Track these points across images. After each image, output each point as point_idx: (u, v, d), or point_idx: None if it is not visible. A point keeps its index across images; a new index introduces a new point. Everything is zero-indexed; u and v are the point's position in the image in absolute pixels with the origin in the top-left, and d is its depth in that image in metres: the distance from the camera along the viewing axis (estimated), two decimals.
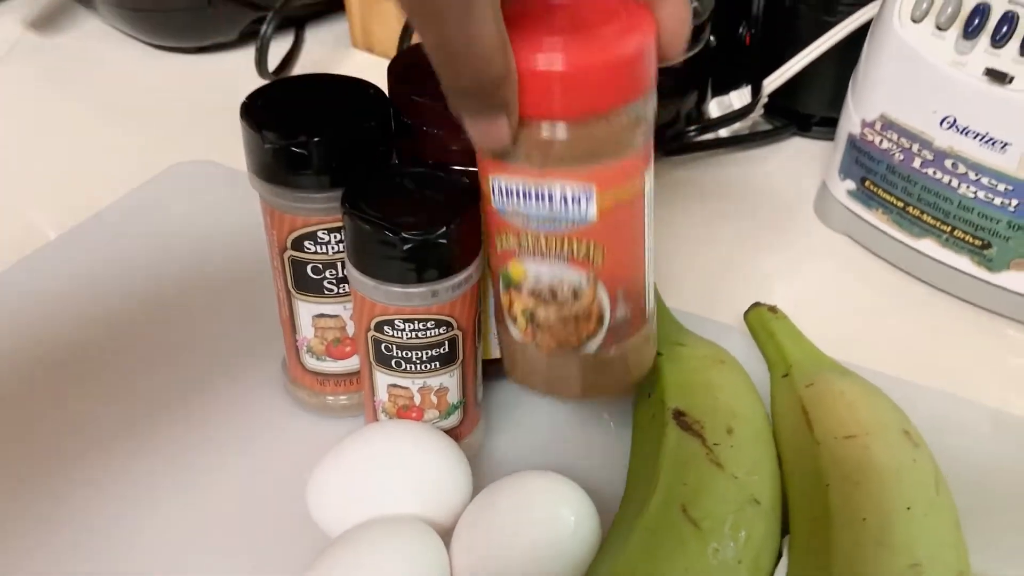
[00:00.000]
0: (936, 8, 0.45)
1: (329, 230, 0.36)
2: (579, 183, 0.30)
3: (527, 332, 0.34)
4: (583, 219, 0.31)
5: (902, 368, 0.44)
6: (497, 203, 0.32)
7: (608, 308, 0.33)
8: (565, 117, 0.29)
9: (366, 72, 0.70)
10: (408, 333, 0.35)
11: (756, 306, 0.42)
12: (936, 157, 0.46)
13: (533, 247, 0.32)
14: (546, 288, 0.33)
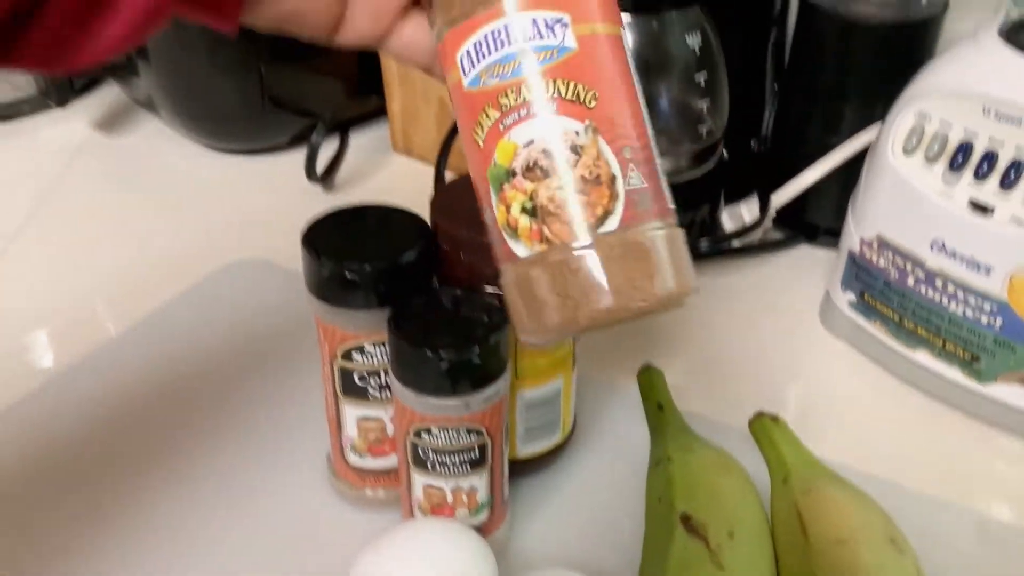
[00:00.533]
0: (925, 143, 0.49)
1: (375, 343, 0.41)
2: (550, 11, 0.29)
3: (533, 233, 0.30)
4: (562, 48, 0.29)
5: (896, 472, 0.48)
6: (470, 77, 0.30)
7: (618, 169, 0.29)
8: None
9: (405, 174, 0.76)
10: (443, 440, 0.39)
11: (759, 415, 0.45)
12: (928, 276, 0.50)
13: (516, 102, 0.29)
14: (540, 154, 0.29)
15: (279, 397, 0.52)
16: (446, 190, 0.44)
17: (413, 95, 0.74)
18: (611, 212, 0.30)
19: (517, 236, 0.30)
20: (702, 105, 0.61)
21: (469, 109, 0.31)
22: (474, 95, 0.30)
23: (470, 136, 0.31)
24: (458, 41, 0.31)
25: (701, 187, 0.64)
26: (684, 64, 0.60)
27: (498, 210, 0.31)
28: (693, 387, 0.53)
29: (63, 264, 0.65)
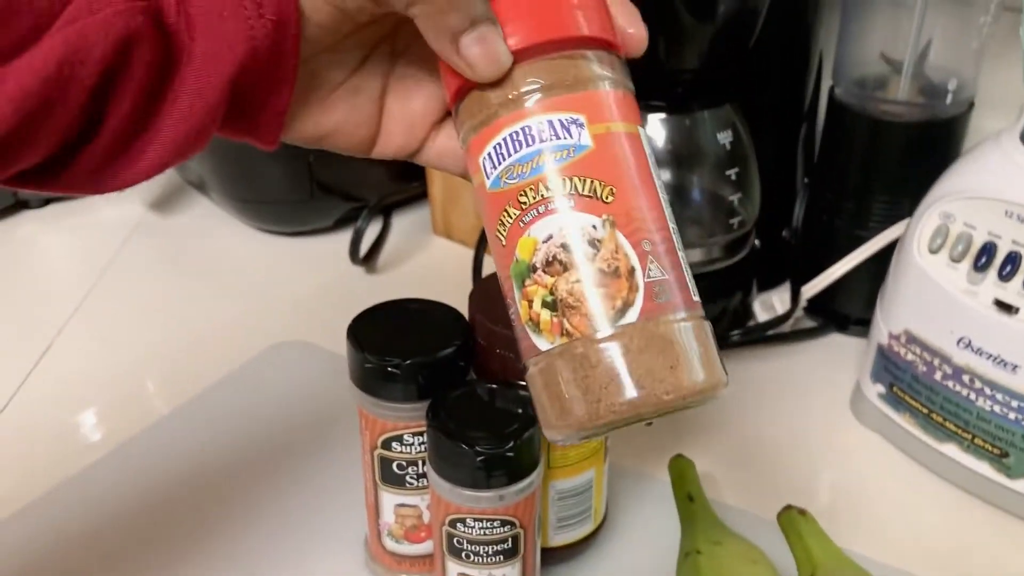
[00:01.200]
0: (950, 243, 0.51)
1: (414, 434, 0.43)
2: (566, 112, 0.31)
3: (554, 327, 0.30)
4: (578, 147, 0.30)
5: (925, 567, 0.48)
6: (492, 179, 0.31)
7: (637, 261, 0.30)
8: (531, 43, 0.31)
9: (444, 256, 0.78)
10: (477, 530, 0.41)
11: (787, 509, 0.46)
12: (955, 372, 0.51)
13: (535, 199, 0.30)
14: (558, 248, 0.30)
15: (319, 480, 0.54)
16: (483, 284, 0.46)
17: (453, 180, 0.77)
18: (631, 304, 0.30)
19: (539, 330, 0.31)
20: (733, 198, 0.63)
21: (492, 209, 0.32)
22: (496, 195, 0.32)
23: (494, 235, 0.32)
24: (481, 145, 0.32)
25: (733, 276, 0.65)
26: (716, 159, 0.62)
27: (521, 305, 0.31)
28: (724, 477, 0.54)
29: (116, 341, 0.67)
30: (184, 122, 0.31)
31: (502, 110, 0.31)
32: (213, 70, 0.30)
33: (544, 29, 0.31)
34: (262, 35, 0.30)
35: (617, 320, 0.30)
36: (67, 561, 0.49)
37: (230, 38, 0.30)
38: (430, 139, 0.37)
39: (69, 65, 0.28)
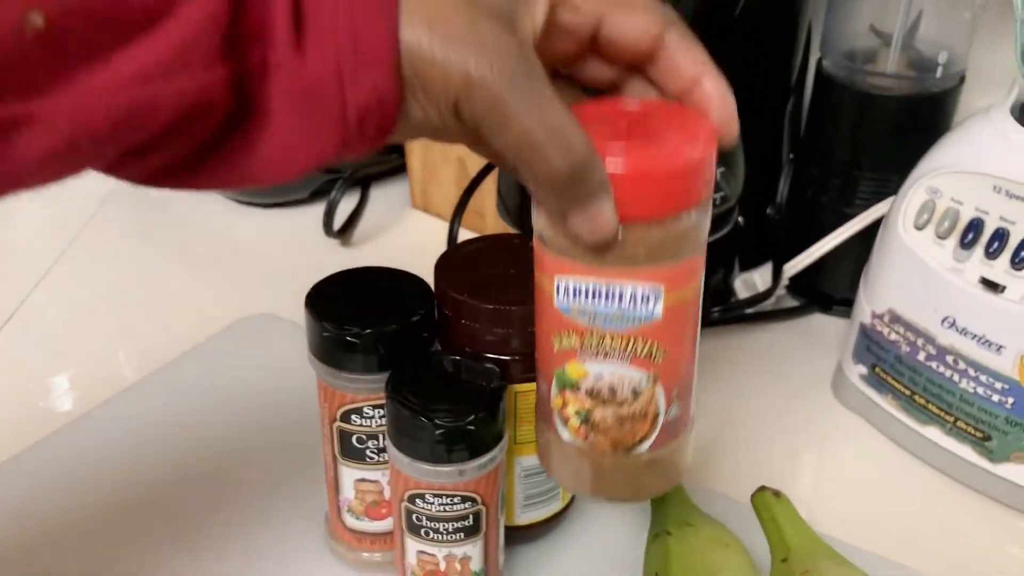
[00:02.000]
0: (936, 219, 0.49)
1: (374, 406, 0.41)
2: (649, 283, 0.31)
3: (580, 432, 0.35)
4: (649, 317, 0.32)
5: (903, 552, 0.47)
6: (561, 303, 0.33)
7: (663, 407, 0.34)
8: (639, 218, 0.30)
9: (422, 230, 0.76)
10: (437, 507, 0.39)
11: (761, 490, 0.45)
12: (939, 352, 0.50)
13: (596, 346, 0.33)
14: (606, 387, 0.33)
15: (282, 455, 0.52)
16: (450, 254, 0.44)
17: (433, 153, 0.75)
18: (648, 438, 0.35)
19: (566, 426, 0.35)
20: (717, 172, 0.61)
21: (552, 319, 0.34)
22: (561, 316, 0.33)
23: (547, 334, 0.34)
24: (560, 268, 0.32)
25: (715, 253, 0.63)
26: None
27: (555, 399, 0.35)
28: (699, 458, 0.52)
29: (86, 310, 0.66)
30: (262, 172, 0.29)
31: (591, 259, 0.32)
32: (289, 157, 0.29)
33: (656, 204, 0.31)
34: (351, 141, 0.29)
35: (632, 449, 0.35)
36: (31, 524, 0.47)
37: (318, 140, 0.28)
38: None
39: (130, 122, 0.26)
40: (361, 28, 0.27)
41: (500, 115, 0.28)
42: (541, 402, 0.36)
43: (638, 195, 0.30)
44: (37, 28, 0.24)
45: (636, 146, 0.30)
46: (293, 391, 0.56)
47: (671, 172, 0.30)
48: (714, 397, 0.58)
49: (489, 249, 0.44)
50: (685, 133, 0.31)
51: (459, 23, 0.28)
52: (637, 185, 0.30)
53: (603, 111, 0.33)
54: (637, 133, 0.31)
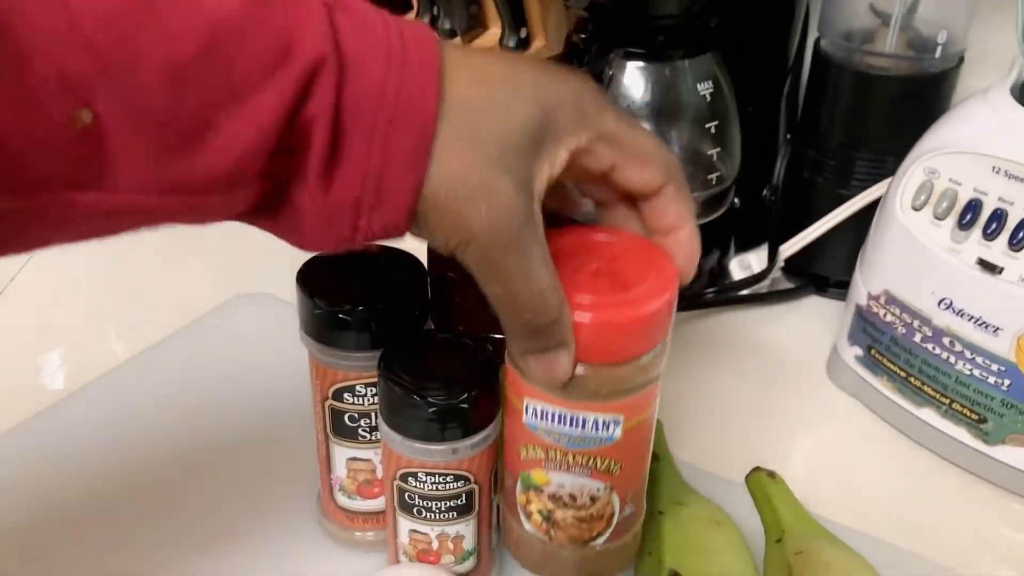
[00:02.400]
0: (934, 199, 0.49)
1: (367, 384, 0.41)
2: (611, 413, 0.35)
3: (541, 527, 0.38)
4: (609, 440, 0.35)
5: (897, 534, 0.46)
6: (529, 421, 0.36)
7: (618, 509, 0.38)
8: (603, 362, 0.34)
9: None
10: (429, 485, 0.39)
11: (756, 471, 0.45)
12: (935, 334, 0.49)
13: (560, 461, 0.36)
14: (567, 494, 0.37)
15: (274, 433, 0.52)
16: None
17: None
18: (603, 535, 0.38)
19: (529, 520, 0.38)
20: (712, 152, 0.61)
21: (521, 432, 0.36)
22: (528, 432, 0.36)
23: (514, 442, 0.37)
24: (529, 392, 0.35)
25: (711, 234, 0.63)
26: (695, 111, 0.60)
27: (520, 496, 0.38)
28: (693, 437, 0.52)
29: (79, 286, 0.65)
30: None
31: (562, 394, 0.34)
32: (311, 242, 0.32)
33: (618, 351, 0.33)
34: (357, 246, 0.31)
35: (587, 544, 0.38)
36: (21, 500, 0.47)
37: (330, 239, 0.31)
38: None
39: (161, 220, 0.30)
40: (389, 175, 0.29)
41: (491, 271, 0.31)
42: (507, 493, 0.39)
43: (602, 343, 0.33)
44: (85, 124, 0.25)
45: (603, 299, 0.33)
46: (286, 370, 0.55)
47: (634, 325, 0.33)
48: (708, 378, 0.57)
49: None
50: (649, 283, 0.33)
51: (476, 180, 0.30)
52: (602, 336, 0.33)
53: (578, 243, 0.35)
54: (606, 277, 0.34)
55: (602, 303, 0.33)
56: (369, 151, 0.29)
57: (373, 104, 0.29)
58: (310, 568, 0.45)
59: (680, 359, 0.59)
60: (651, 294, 0.33)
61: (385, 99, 0.29)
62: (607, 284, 0.33)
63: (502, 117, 0.30)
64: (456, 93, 0.30)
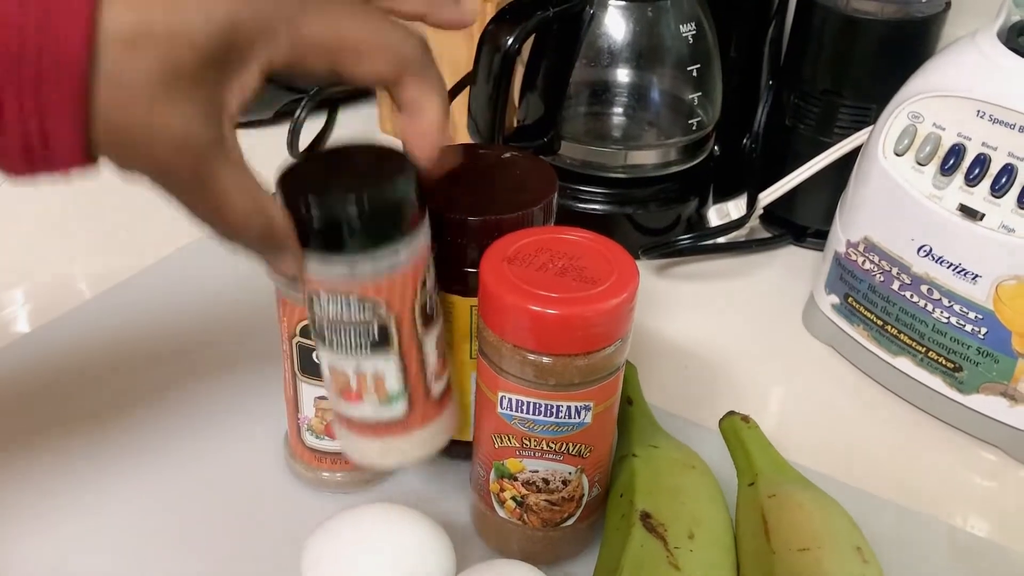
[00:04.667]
0: (916, 145, 0.48)
1: None
2: (581, 401, 0.37)
3: (514, 513, 0.40)
4: (581, 425, 0.37)
5: (870, 480, 0.46)
6: (504, 412, 0.37)
7: (587, 490, 0.40)
8: (572, 353, 0.35)
9: None
10: (333, 311, 0.35)
11: (730, 415, 0.44)
12: (913, 281, 0.49)
13: (535, 448, 0.38)
14: (540, 479, 0.39)
15: (241, 373, 0.51)
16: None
17: None
18: (573, 516, 0.40)
19: (502, 507, 0.40)
20: (693, 96, 0.60)
21: (494, 422, 0.38)
22: (503, 422, 0.38)
23: (487, 432, 0.39)
24: (503, 387, 0.37)
25: (690, 181, 0.62)
26: (677, 54, 0.59)
27: (492, 484, 0.40)
28: (667, 383, 0.52)
29: (44, 225, 0.64)
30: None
31: (536, 385, 0.36)
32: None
33: (587, 343, 0.36)
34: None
35: (560, 525, 0.40)
36: None
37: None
38: None
39: None
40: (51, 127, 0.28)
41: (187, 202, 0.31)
42: (477, 482, 0.41)
43: (572, 336, 0.35)
44: None
45: (571, 296, 0.35)
46: (254, 311, 0.54)
47: (601, 318, 0.35)
48: (684, 325, 0.57)
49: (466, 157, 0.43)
50: (613, 279, 0.36)
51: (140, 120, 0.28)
52: (572, 329, 0.35)
53: (544, 242, 0.37)
54: (572, 274, 0.36)
55: (571, 299, 0.35)
56: (21, 105, 0.27)
57: (14, 53, 0.26)
58: (278, 507, 0.44)
59: (656, 305, 0.58)
60: (615, 290, 0.35)
61: (26, 46, 0.26)
62: (574, 281, 0.36)
63: (168, 44, 0.28)
64: (113, 25, 0.27)
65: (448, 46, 0.68)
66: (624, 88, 0.61)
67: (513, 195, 0.40)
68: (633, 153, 0.61)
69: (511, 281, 0.35)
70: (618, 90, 0.61)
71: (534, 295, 0.35)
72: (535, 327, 0.35)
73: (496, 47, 0.55)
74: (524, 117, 0.62)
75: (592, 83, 0.61)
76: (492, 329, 0.36)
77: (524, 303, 0.35)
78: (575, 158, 0.61)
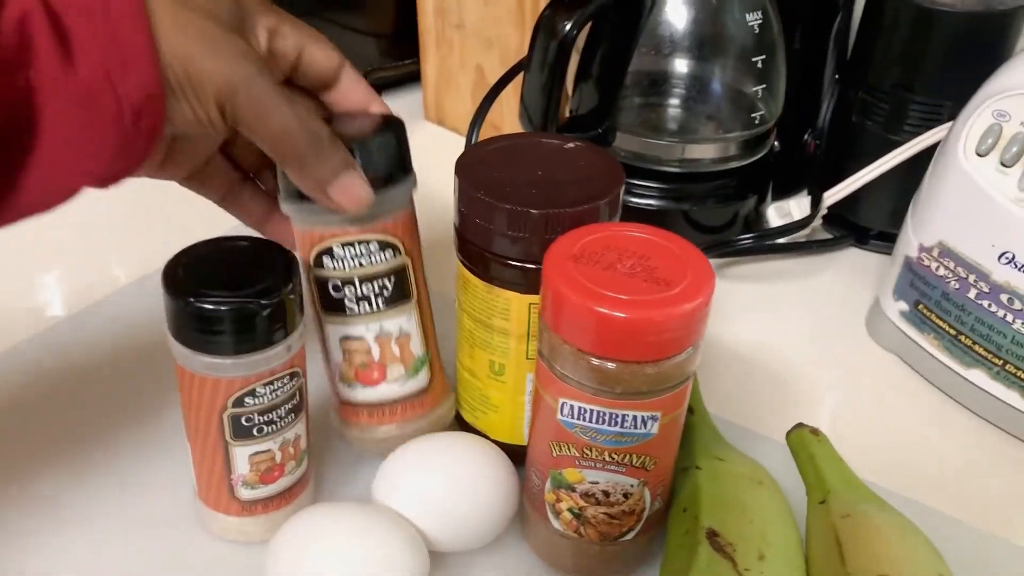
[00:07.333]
0: (1002, 145, 0.45)
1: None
2: (648, 410, 0.34)
3: (571, 525, 0.38)
4: (647, 436, 0.35)
5: (942, 500, 0.44)
6: (565, 420, 0.35)
7: (649, 504, 0.37)
8: (643, 359, 0.33)
9: (436, 143, 0.72)
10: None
11: (799, 427, 0.41)
12: (992, 290, 0.46)
13: (596, 458, 0.35)
14: (600, 491, 0.36)
15: None
16: (472, 152, 0.40)
17: (449, 60, 0.70)
18: (632, 530, 0.38)
19: (558, 518, 0.38)
20: (757, 89, 0.57)
21: (554, 429, 0.36)
22: (563, 429, 0.35)
23: (545, 439, 0.36)
24: (564, 392, 0.34)
25: (749, 177, 0.60)
26: (742, 45, 0.56)
27: (548, 494, 0.38)
28: (727, 391, 0.49)
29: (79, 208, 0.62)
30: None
31: (601, 392, 0.34)
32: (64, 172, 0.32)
33: (658, 349, 0.33)
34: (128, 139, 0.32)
35: (617, 539, 0.38)
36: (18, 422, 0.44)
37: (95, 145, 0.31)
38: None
39: None
40: (119, 34, 0.30)
41: (261, 111, 0.33)
42: (532, 491, 0.39)
43: (642, 343, 0.33)
44: None
45: (643, 298, 0.32)
46: None
47: (675, 323, 0.33)
48: (742, 328, 0.54)
49: (513, 149, 0.40)
50: (687, 281, 0.33)
51: (216, 36, 0.33)
52: (642, 335, 0.33)
53: (609, 240, 0.35)
54: (642, 275, 0.33)
55: (642, 302, 0.32)
56: (92, 24, 0.30)
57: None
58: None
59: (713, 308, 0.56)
60: (689, 293, 0.33)
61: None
62: (644, 282, 0.33)
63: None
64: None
65: (499, 33, 0.66)
66: (683, 79, 0.58)
67: (577, 188, 0.38)
68: (690, 147, 0.58)
69: (578, 281, 0.33)
70: (677, 80, 0.59)
71: (603, 296, 0.32)
72: (603, 331, 0.33)
73: (552, 34, 0.52)
74: (577, 107, 0.60)
75: (649, 72, 0.58)
76: (556, 332, 0.34)
77: (592, 305, 0.32)
78: (628, 150, 0.58)
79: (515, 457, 0.41)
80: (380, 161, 0.37)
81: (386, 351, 0.37)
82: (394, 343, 0.37)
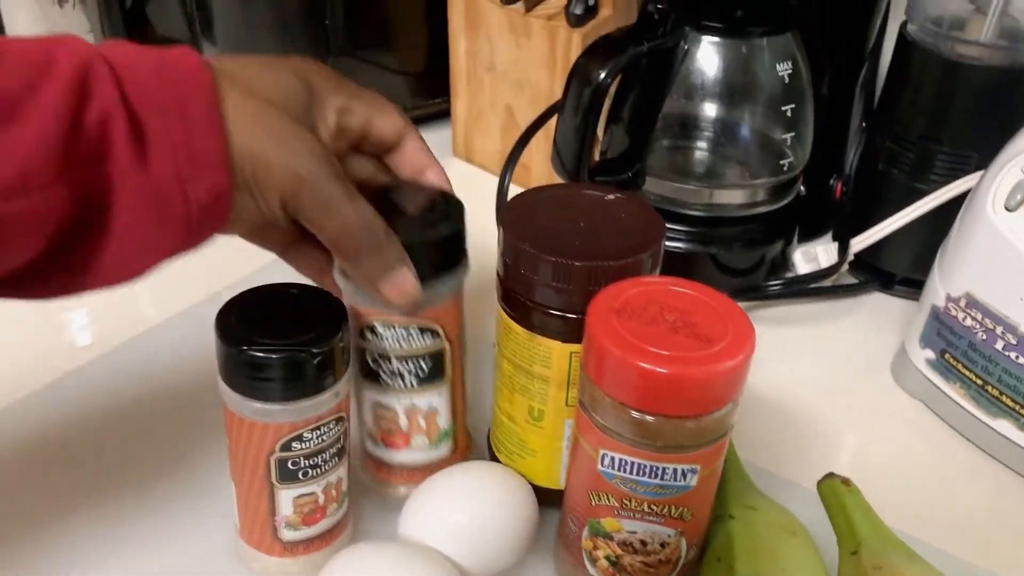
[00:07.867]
0: None
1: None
2: (688, 464, 0.35)
3: (607, 572, 0.38)
4: (686, 488, 0.36)
5: (971, 551, 0.44)
6: (605, 471, 0.36)
7: (685, 553, 0.38)
8: (683, 415, 0.34)
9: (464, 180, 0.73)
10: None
11: (830, 476, 0.42)
12: (1020, 342, 0.47)
13: (635, 509, 0.36)
14: (637, 540, 0.37)
15: None
16: (515, 202, 0.41)
17: (479, 99, 0.71)
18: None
19: (595, 566, 0.38)
20: (786, 137, 0.58)
21: (593, 479, 0.36)
22: (603, 480, 0.36)
23: (584, 488, 0.37)
24: (605, 444, 0.35)
25: (775, 222, 0.61)
26: (771, 93, 0.57)
27: (586, 542, 0.38)
28: (754, 435, 0.50)
29: None
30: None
31: (642, 445, 0.34)
32: (135, 258, 0.34)
33: (699, 405, 0.34)
34: (192, 235, 0.34)
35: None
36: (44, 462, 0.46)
37: (164, 239, 0.33)
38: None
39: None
40: (192, 137, 0.32)
41: (324, 206, 0.35)
42: (568, 537, 0.39)
43: (685, 398, 0.34)
44: None
45: (685, 354, 0.33)
46: None
47: (715, 380, 0.33)
48: (768, 373, 0.55)
49: (555, 199, 0.41)
50: (729, 339, 0.34)
51: (285, 130, 0.34)
52: (685, 391, 0.33)
53: (651, 295, 0.36)
54: (684, 331, 0.34)
55: (685, 358, 0.33)
56: (168, 126, 0.32)
57: (155, 87, 0.32)
58: None
59: None
60: (731, 350, 0.34)
61: (164, 81, 0.32)
62: (687, 338, 0.34)
63: (271, 87, 0.35)
64: (223, 67, 0.34)
65: (530, 76, 0.67)
66: (713, 125, 0.59)
67: (619, 240, 0.38)
68: (718, 192, 0.59)
69: (622, 336, 0.34)
70: (706, 126, 0.60)
71: (646, 352, 0.33)
72: (646, 385, 0.33)
73: (587, 81, 0.53)
74: (607, 148, 0.61)
75: (680, 117, 0.60)
76: (598, 384, 0.35)
77: (635, 360, 0.33)
78: (657, 193, 0.59)
79: (551, 500, 0.41)
80: (435, 256, 0.38)
81: (413, 423, 0.38)
82: (422, 417, 0.38)
